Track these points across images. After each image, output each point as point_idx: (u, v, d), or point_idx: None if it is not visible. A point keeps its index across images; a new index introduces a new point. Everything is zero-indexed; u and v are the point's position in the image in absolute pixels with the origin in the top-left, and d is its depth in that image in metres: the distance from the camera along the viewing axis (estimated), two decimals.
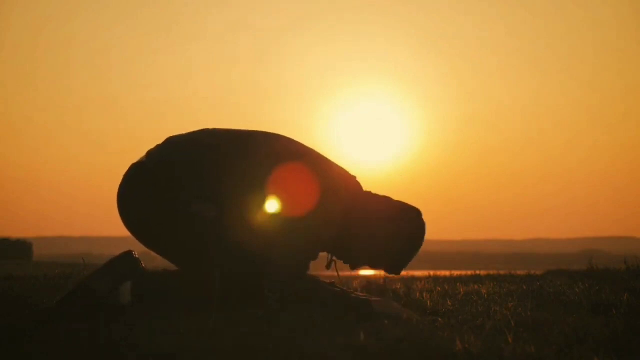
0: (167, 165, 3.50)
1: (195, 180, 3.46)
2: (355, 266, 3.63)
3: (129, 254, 3.50)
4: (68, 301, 3.36)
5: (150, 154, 3.55)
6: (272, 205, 3.43)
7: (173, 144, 3.57)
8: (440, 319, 3.20)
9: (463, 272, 7.50)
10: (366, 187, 3.66)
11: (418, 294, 4.03)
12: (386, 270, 3.63)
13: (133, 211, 3.52)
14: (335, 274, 3.85)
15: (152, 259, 5.70)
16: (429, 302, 3.74)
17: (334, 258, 3.67)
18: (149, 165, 3.51)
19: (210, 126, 3.67)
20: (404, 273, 3.84)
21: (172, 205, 3.45)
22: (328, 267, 3.69)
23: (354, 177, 3.64)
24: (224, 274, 3.43)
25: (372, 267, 3.60)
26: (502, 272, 7.96)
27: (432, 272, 7.57)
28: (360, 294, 3.52)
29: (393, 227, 3.56)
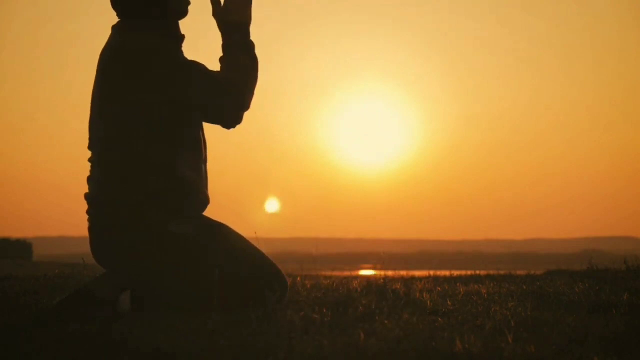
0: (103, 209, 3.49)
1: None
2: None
3: None
4: (68, 304, 3.36)
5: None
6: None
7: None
8: (440, 319, 3.20)
9: (463, 272, 7.49)
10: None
11: (418, 294, 4.02)
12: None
13: (118, 261, 3.52)
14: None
15: None
16: (429, 302, 3.74)
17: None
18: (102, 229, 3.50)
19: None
20: (403, 273, 3.83)
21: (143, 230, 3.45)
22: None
23: None
24: (224, 274, 3.43)
25: None
26: (502, 272, 7.96)
27: (432, 272, 7.56)
28: None
29: None
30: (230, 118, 3.58)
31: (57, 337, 2.73)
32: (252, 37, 3.64)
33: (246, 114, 3.59)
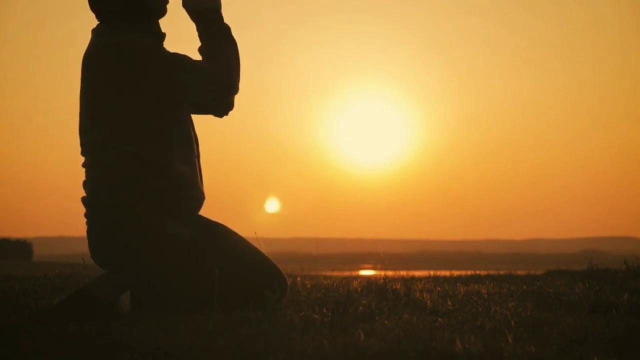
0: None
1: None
2: None
3: None
4: (68, 304, 3.36)
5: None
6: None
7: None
8: (440, 319, 3.20)
9: (463, 272, 7.49)
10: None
11: (418, 294, 4.02)
12: None
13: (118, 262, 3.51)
14: None
15: None
16: (429, 302, 3.74)
17: None
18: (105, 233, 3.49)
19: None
20: (403, 273, 3.82)
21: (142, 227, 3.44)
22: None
23: None
24: (223, 274, 3.43)
25: None
26: (502, 272, 7.96)
27: (432, 272, 7.56)
28: None
29: None
30: (223, 105, 3.61)
31: (57, 337, 2.73)
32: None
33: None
